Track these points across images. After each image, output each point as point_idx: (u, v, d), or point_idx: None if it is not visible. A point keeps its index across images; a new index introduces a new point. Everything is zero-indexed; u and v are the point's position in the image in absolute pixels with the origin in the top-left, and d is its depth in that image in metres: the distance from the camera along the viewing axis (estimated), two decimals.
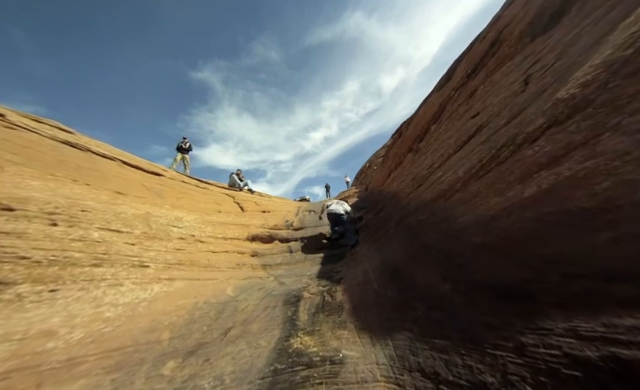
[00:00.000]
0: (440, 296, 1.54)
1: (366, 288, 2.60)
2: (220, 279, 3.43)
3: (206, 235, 4.40)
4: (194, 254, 3.76)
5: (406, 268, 2.16)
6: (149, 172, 6.17)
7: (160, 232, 3.81)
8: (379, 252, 3.14)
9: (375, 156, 21.65)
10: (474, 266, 1.46)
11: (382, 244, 3.29)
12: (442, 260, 1.80)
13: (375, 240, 3.85)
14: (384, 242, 3.23)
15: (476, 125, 3.48)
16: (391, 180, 7.13)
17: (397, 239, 2.79)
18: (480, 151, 2.60)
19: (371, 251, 3.63)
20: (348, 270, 3.76)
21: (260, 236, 5.22)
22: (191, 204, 5.74)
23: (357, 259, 4.24)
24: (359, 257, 4.22)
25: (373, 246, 3.73)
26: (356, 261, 4.12)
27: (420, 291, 1.74)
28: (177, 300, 2.64)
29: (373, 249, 3.58)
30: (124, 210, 3.84)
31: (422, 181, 3.98)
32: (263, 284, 3.61)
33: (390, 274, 2.38)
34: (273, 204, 7.79)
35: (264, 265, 4.44)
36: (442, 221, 2.14)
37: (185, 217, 4.60)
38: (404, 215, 3.21)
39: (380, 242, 3.43)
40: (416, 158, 5.58)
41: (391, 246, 2.86)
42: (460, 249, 1.67)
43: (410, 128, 7.19)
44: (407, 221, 2.92)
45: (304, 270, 4.37)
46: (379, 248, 3.31)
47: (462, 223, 1.84)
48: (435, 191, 2.80)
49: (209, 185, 7.31)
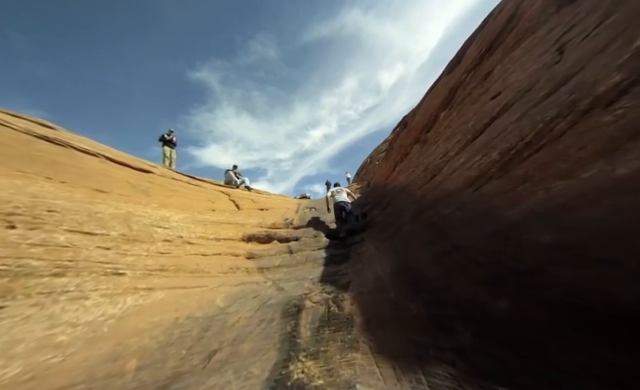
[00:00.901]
0: (497, 319, 1.10)
1: (380, 297, 2.17)
2: (210, 286, 2.99)
3: (196, 236, 3.96)
4: (181, 258, 3.32)
5: (434, 275, 1.72)
6: (137, 169, 5.72)
7: (142, 234, 3.37)
8: (393, 253, 2.70)
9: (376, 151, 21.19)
10: (550, 277, 1.02)
11: (396, 243, 2.85)
12: (489, 266, 1.36)
13: (385, 239, 3.41)
14: (398, 241, 2.79)
15: (499, 105, 3.02)
16: (397, 173, 6.67)
17: (416, 238, 2.35)
18: (517, 129, 2.15)
19: (381, 251, 3.19)
20: (356, 273, 3.32)
21: (257, 236, 4.78)
22: (182, 202, 5.30)
23: (364, 260, 3.80)
24: (366, 258, 3.78)
25: (383, 245, 3.29)
26: (363, 263, 3.68)
27: (462, 308, 1.31)
28: (153, 315, 2.20)
29: (384, 249, 3.14)
30: (101, 209, 3.40)
31: (437, 171, 3.53)
32: (259, 291, 3.17)
33: (412, 281, 1.94)
34: (272, 201, 7.34)
35: (261, 268, 4.00)
36: (478, 216, 1.70)
37: (173, 216, 4.15)
38: (420, 209, 2.77)
39: (392, 241, 2.99)
40: (425, 148, 5.12)
41: (409, 246, 2.42)
42: (517, 252, 1.24)
43: (417, 117, 6.72)
44: (426, 216, 2.48)
45: (306, 273, 3.94)
46: (393, 248, 2.87)
47: (511, 217, 1.40)
48: (460, 180, 2.35)
49: (203, 182, 6.86)
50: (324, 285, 3.26)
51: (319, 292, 2.96)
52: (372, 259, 3.39)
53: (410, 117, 7.22)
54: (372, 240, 4.52)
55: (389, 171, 7.72)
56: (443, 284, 1.60)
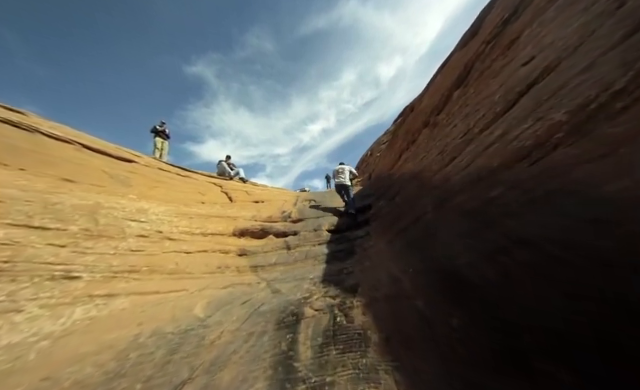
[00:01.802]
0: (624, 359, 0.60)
1: (401, 306, 1.66)
2: (190, 290, 2.49)
3: (179, 231, 3.44)
4: (157, 256, 2.80)
5: (484, 279, 1.21)
6: (117, 157, 5.16)
7: (111, 228, 2.84)
8: (413, 249, 2.20)
9: (377, 143, 20.65)
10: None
11: (415, 237, 2.34)
12: (588, 267, 0.85)
13: (398, 232, 2.90)
14: (419, 234, 2.28)
15: (537, 68, 2.49)
16: (403, 162, 6.12)
17: (446, 229, 1.83)
18: (590, 81, 1.63)
19: (395, 246, 2.69)
20: (364, 272, 2.82)
21: (250, 230, 4.27)
22: (167, 194, 4.77)
23: (373, 257, 3.30)
24: (376, 254, 3.28)
25: (397, 240, 2.78)
26: (372, 260, 3.18)
27: (548, 336, 0.80)
28: (107, 332, 1.69)
29: (398, 244, 2.64)
30: (62, 200, 2.86)
31: (457, 152, 3.00)
32: (250, 294, 2.67)
33: (447, 286, 1.44)
34: (268, 193, 6.81)
35: (254, 267, 3.49)
36: (552, 194, 1.19)
37: (152, 208, 3.62)
38: (445, 196, 2.25)
39: (409, 234, 2.48)
40: (436, 132, 4.57)
41: (436, 240, 1.90)
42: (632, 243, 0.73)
43: (425, 100, 6.16)
44: (455, 202, 1.96)
45: (305, 272, 3.44)
46: (410, 243, 2.36)
47: (615, 195, 0.89)
48: (504, 154, 1.83)
49: (193, 173, 6.31)
50: (327, 287, 2.76)
51: (321, 295, 2.46)
52: (383, 256, 2.89)
53: (417, 100, 6.66)
54: (380, 234, 4.01)
55: (394, 160, 7.18)
56: (502, 294, 1.10)
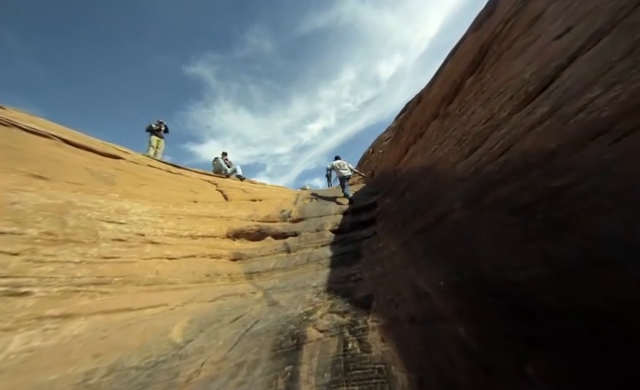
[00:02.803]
0: None
1: (436, 333, 1.25)
2: (171, 305, 2.09)
3: (164, 233, 3.03)
4: (134, 264, 2.40)
5: (586, 308, 0.80)
6: (102, 154, 4.74)
7: (81, 231, 2.44)
8: (442, 255, 1.78)
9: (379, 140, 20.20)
10: None
11: (440, 240, 1.92)
12: None
13: (416, 232, 2.49)
14: (446, 236, 1.86)
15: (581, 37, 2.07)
16: (410, 156, 5.69)
17: (489, 232, 1.42)
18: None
19: (414, 251, 2.28)
20: (376, 280, 2.41)
21: (246, 231, 3.86)
22: (155, 192, 4.35)
23: (385, 261, 2.88)
24: (388, 258, 2.86)
25: (416, 242, 2.37)
26: (384, 265, 2.77)
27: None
28: (48, 370, 1.29)
29: (419, 248, 2.22)
30: (24, 199, 2.45)
31: (481, 139, 2.58)
32: (243, 308, 2.26)
33: (508, 313, 1.03)
34: (266, 192, 6.40)
35: (250, 273, 3.08)
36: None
37: (134, 208, 3.21)
38: (478, 189, 1.83)
39: (433, 236, 2.07)
40: (448, 123, 4.15)
41: (475, 245, 1.49)
42: None
43: (434, 89, 5.72)
44: (496, 196, 1.55)
45: (307, 278, 3.03)
46: (435, 247, 1.94)
47: None
48: (567, 132, 1.41)
49: (186, 171, 5.90)
50: (333, 298, 2.35)
51: (327, 311, 2.05)
52: (398, 261, 2.47)
53: (426, 91, 6.22)
54: (390, 234, 3.60)
55: (399, 155, 6.75)
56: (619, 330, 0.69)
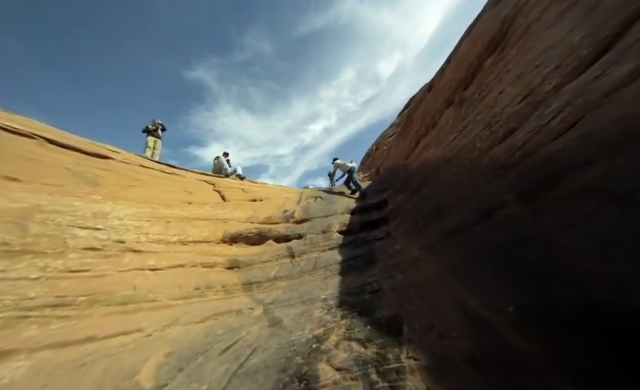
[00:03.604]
0: None
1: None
2: (147, 331, 1.67)
3: (148, 239, 2.63)
4: (107, 277, 1.99)
5: None
6: (88, 153, 4.36)
7: (45, 240, 2.03)
8: (498, 264, 1.34)
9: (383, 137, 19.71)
10: None
11: (492, 243, 1.47)
12: None
13: (446, 234, 2.04)
14: (501, 240, 1.41)
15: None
16: (422, 148, 5.22)
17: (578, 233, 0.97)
18: None
19: (449, 257, 1.84)
20: (401, 295, 1.97)
21: (244, 235, 3.44)
22: (145, 194, 3.96)
23: (405, 266, 2.45)
24: (409, 263, 2.42)
25: (448, 245, 1.92)
26: (406, 271, 2.33)
27: None
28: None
29: (455, 252, 1.78)
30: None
31: (520, 119, 2.12)
32: (238, 331, 1.84)
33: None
34: (267, 191, 5.98)
35: (248, 284, 2.66)
36: None
37: (116, 212, 2.81)
38: (544, 175, 1.39)
39: (476, 238, 1.62)
40: (465, 110, 3.69)
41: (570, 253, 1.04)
42: None
43: (447, 75, 5.25)
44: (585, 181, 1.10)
45: (314, 288, 2.61)
46: (487, 254, 1.50)
47: None
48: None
49: (181, 170, 5.50)
50: (349, 316, 1.92)
51: (343, 335, 1.62)
52: (427, 269, 2.03)
53: (437, 77, 5.75)
54: (408, 234, 3.15)
55: (409, 149, 6.28)
56: None
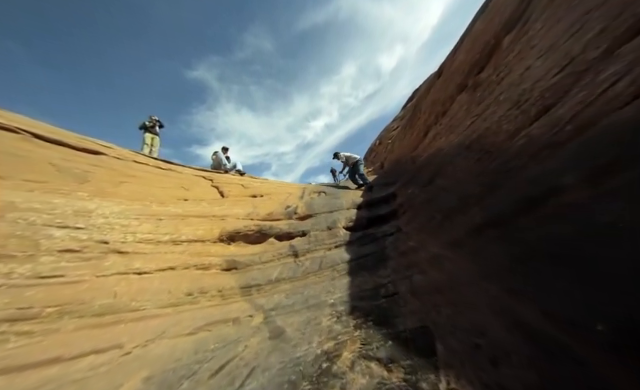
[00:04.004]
0: None
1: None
2: (126, 348, 1.41)
3: (135, 239, 2.37)
4: (83, 284, 1.72)
5: None
6: (78, 148, 4.10)
7: (14, 241, 1.78)
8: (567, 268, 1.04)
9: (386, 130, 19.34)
10: None
11: (552, 238, 1.17)
12: None
13: (476, 228, 1.74)
14: (566, 231, 1.12)
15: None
16: (432, 138, 4.88)
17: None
18: None
19: (482, 255, 1.54)
20: (425, 300, 1.68)
21: (243, 232, 3.17)
22: (137, 190, 3.70)
23: (423, 264, 2.16)
24: (428, 261, 2.13)
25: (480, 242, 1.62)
26: (426, 272, 2.04)
27: None
28: None
29: (490, 250, 1.48)
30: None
31: (559, 92, 1.80)
32: (234, 346, 1.58)
33: None
34: (268, 187, 5.70)
35: (247, 287, 2.39)
36: None
37: (101, 209, 2.55)
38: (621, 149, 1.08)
39: (523, 234, 1.32)
40: (480, 93, 3.35)
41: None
42: None
43: (458, 58, 4.89)
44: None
45: (321, 291, 2.34)
46: (539, 254, 1.19)
47: None
48: None
49: (177, 166, 5.24)
50: (363, 326, 1.64)
51: (358, 353, 1.34)
52: (455, 269, 1.74)
53: (448, 61, 5.39)
54: (424, 230, 2.85)
55: (417, 139, 5.94)
56: None
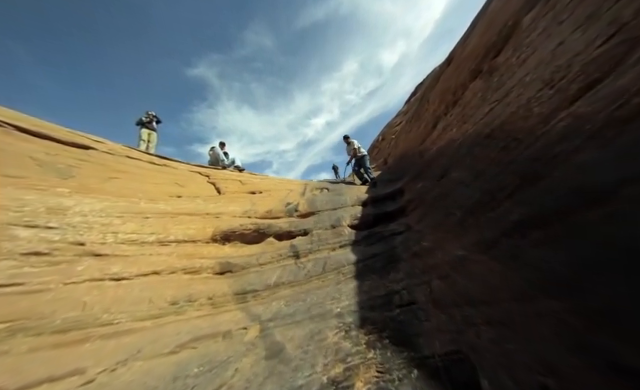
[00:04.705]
0: None
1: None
2: (89, 373, 1.15)
3: (117, 240, 2.10)
4: (47, 293, 1.45)
5: None
6: (65, 143, 3.84)
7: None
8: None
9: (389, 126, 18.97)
10: None
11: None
12: None
13: (517, 228, 1.45)
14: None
15: None
16: (442, 130, 4.55)
17: None
18: None
19: (523, 260, 1.26)
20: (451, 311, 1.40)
21: (240, 232, 2.90)
22: (126, 186, 3.44)
23: (444, 268, 1.88)
24: (450, 265, 1.85)
25: (524, 244, 1.33)
26: (446, 275, 1.75)
27: None
28: None
29: (535, 256, 1.20)
30: None
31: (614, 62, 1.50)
32: (222, 368, 1.30)
33: None
34: (268, 183, 5.43)
35: (242, 294, 2.12)
36: None
37: (80, 206, 2.29)
38: None
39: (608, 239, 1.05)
40: (499, 78, 3.02)
41: None
42: None
43: (471, 42, 4.55)
44: None
45: (326, 297, 2.06)
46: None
47: None
48: None
49: (172, 162, 4.97)
50: (379, 346, 1.36)
51: (375, 385, 1.06)
52: (482, 275, 1.45)
53: (458, 48, 5.06)
54: (440, 229, 2.56)
55: (425, 132, 5.61)
56: None
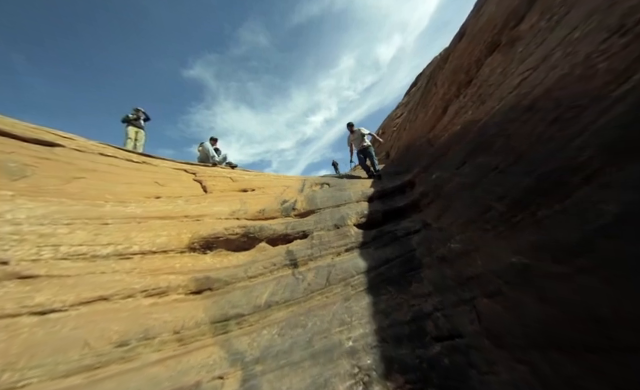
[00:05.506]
0: None
1: None
2: None
3: (58, 254, 1.59)
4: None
5: None
6: (26, 140, 3.31)
7: None
8: None
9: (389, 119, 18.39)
10: None
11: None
12: None
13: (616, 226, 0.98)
14: None
15: None
16: (453, 115, 4.03)
17: None
18: None
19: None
20: (530, 358, 0.92)
21: (224, 237, 2.40)
22: (93, 187, 2.92)
23: (488, 278, 1.39)
24: (499, 276, 1.36)
25: None
26: (497, 292, 1.26)
27: None
28: None
29: None
30: None
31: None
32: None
33: None
34: (261, 179, 4.90)
35: (222, 322, 1.62)
36: None
37: (15, 212, 1.77)
38: None
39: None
40: (524, 48, 2.49)
41: None
42: None
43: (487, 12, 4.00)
44: None
45: (332, 322, 1.56)
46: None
47: None
48: None
49: (153, 159, 4.44)
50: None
51: None
52: (567, 296, 0.97)
53: (472, 20, 4.50)
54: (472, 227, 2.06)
55: (433, 119, 5.06)
56: None
